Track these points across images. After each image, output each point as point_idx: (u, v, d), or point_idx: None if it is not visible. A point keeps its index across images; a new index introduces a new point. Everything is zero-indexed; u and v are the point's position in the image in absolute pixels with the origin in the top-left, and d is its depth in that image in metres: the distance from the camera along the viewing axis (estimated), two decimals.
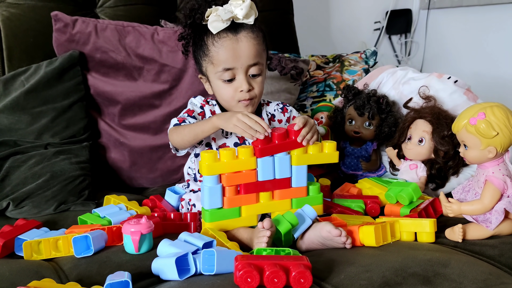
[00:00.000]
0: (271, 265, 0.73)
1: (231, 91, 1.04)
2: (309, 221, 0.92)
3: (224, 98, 1.06)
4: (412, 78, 1.34)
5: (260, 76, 1.05)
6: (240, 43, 1.01)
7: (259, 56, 1.03)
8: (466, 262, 0.81)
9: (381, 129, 1.28)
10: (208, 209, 0.93)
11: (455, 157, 1.18)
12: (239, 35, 1.01)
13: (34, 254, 0.90)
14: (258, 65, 1.04)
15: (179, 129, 1.04)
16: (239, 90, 1.03)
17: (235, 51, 1.01)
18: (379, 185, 1.16)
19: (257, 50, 1.03)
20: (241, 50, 1.01)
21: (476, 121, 0.89)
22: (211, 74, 1.05)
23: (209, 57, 1.03)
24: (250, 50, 1.02)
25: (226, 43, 1.01)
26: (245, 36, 1.01)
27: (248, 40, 1.01)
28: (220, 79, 1.04)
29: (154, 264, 0.82)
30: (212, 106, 1.11)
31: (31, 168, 1.17)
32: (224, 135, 1.08)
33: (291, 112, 1.18)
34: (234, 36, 1.01)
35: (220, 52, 1.01)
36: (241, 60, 1.01)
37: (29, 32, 1.38)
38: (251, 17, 1.01)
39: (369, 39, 2.31)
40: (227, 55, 1.01)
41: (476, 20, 2.10)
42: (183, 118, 1.07)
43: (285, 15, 1.84)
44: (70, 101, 1.30)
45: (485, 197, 0.90)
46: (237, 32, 1.01)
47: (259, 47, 1.03)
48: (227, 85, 1.04)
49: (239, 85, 1.03)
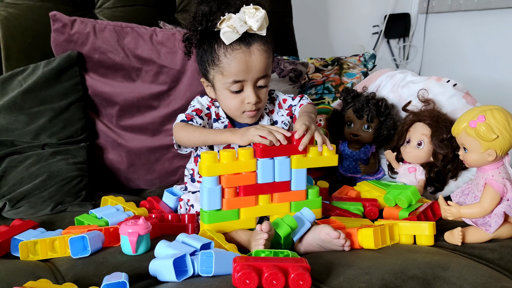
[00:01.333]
0: (270, 266, 0.73)
1: (238, 102, 1.02)
2: (308, 224, 0.92)
3: (230, 108, 1.05)
4: (411, 81, 1.34)
5: (266, 87, 1.04)
6: (252, 56, 0.98)
7: (268, 69, 1.02)
8: (466, 265, 0.80)
9: (379, 132, 1.28)
10: (206, 210, 0.92)
11: (454, 161, 1.18)
12: (252, 47, 0.98)
13: (30, 254, 0.90)
14: (266, 78, 1.03)
15: (189, 128, 1.01)
16: (246, 102, 1.02)
17: (247, 64, 0.99)
18: (378, 188, 1.16)
19: (267, 63, 1.01)
20: (253, 64, 0.99)
21: (476, 124, 0.89)
22: (219, 83, 1.03)
23: (219, 67, 1.01)
24: (262, 63, 1.00)
25: (239, 56, 0.98)
26: (257, 49, 0.99)
27: (260, 53, 0.99)
28: (227, 89, 1.02)
29: (152, 265, 0.81)
30: (217, 108, 1.10)
31: (28, 169, 1.16)
32: None
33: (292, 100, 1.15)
34: (247, 48, 0.98)
35: (232, 64, 0.99)
36: (252, 73, 1.00)
37: (27, 32, 1.37)
38: (264, 28, 0.98)
39: (368, 43, 2.32)
40: (239, 69, 0.99)
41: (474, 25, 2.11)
42: (191, 116, 1.04)
43: (284, 18, 1.84)
44: (67, 101, 1.29)
45: (484, 200, 0.90)
46: (250, 45, 0.98)
47: (269, 60, 1.02)
48: (234, 96, 1.02)
49: (247, 97, 1.02)
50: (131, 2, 1.52)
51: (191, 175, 1.13)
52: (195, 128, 1.01)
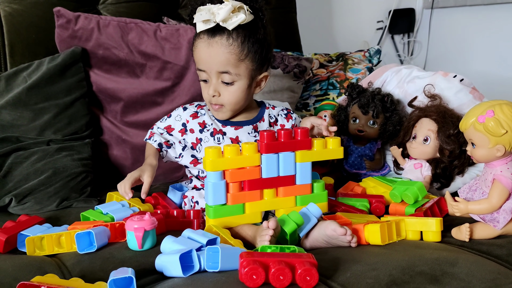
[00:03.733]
0: (277, 262, 0.72)
1: (205, 92, 1.05)
2: (314, 220, 0.91)
3: (203, 97, 1.08)
4: (417, 76, 1.33)
5: (232, 85, 1.02)
6: (210, 48, 0.99)
7: (229, 66, 1.00)
8: (474, 262, 0.80)
9: (385, 127, 1.27)
10: (211, 205, 0.92)
11: (461, 156, 1.17)
12: (213, 39, 0.99)
13: (37, 250, 0.90)
14: (228, 74, 1.00)
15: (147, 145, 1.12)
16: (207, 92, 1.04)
17: (206, 54, 1.00)
18: (384, 184, 1.15)
19: (227, 59, 0.99)
20: (210, 55, 0.99)
21: (485, 119, 0.88)
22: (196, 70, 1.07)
23: (193, 54, 1.05)
24: (219, 57, 0.99)
25: (200, 45, 1.01)
26: (217, 42, 0.98)
27: (219, 46, 0.98)
28: (199, 77, 1.05)
29: (158, 260, 0.81)
30: (202, 116, 1.10)
31: (33, 164, 1.16)
32: (217, 141, 1.07)
33: (295, 119, 1.17)
34: (208, 39, 0.99)
35: (195, 52, 1.03)
36: (210, 65, 1.00)
37: (32, 28, 1.37)
38: (232, 21, 0.96)
39: (372, 39, 2.31)
40: (199, 57, 1.02)
41: (480, 20, 2.10)
42: (152, 134, 1.11)
43: (288, 14, 1.83)
44: (72, 97, 1.29)
45: (492, 196, 0.89)
46: (213, 36, 0.99)
47: (230, 56, 0.99)
48: (203, 85, 1.05)
49: (209, 88, 1.03)
50: None
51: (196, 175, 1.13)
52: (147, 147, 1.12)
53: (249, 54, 1.01)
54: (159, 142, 1.09)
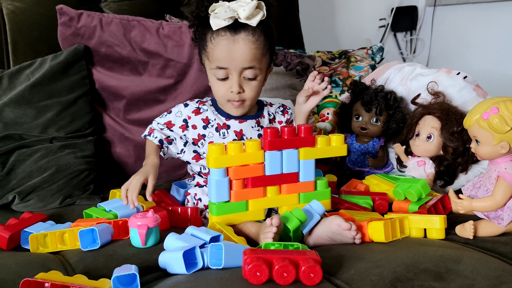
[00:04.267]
0: (281, 259, 0.72)
1: (223, 90, 1.03)
2: (317, 216, 0.91)
3: (217, 95, 1.06)
4: (420, 74, 1.33)
5: (254, 81, 1.03)
6: (236, 45, 0.98)
7: (256, 61, 1.01)
8: (479, 259, 0.79)
9: (388, 125, 1.27)
10: (215, 202, 0.92)
11: (464, 154, 1.17)
12: (237, 36, 0.98)
13: (40, 247, 0.90)
14: (253, 69, 1.01)
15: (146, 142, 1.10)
16: (229, 90, 1.02)
17: (231, 52, 0.99)
18: (387, 182, 1.15)
19: (253, 54, 1.00)
20: (236, 52, 0.99)
21: (489, 115, 0.87)
22: (208, 68, 1.05)
23: (207, 52, 1.03)
24: (246, 53, 0.99)
25: (223, 42, 0.99)
26: (243, 38, 0.98)
27: (245, 43, 0.98)
28: (214, 75, 1.03)
29: (161, 257, 0.81)
30: (205, 112, 1.10)
31: (36, 162, 1.16)
32: (222, 136, 1.07)
33: (291, 115, 1.17)
34: (232, 36, 0.98)
35: (215, 50, 1.00)
36: (235, 62, 1.00)
37: (34, 26, 1.37)
38: (255, 18, 0.97)
39: (374, 36, 2.30)
40: (221, 55, 0.99)
41: (482, 17, 2.09)
42: (152, 130, 1.10)
43: (291, 11, 1.83)
44: (75, 95, 1.29)
45: (497, 193, 0.89)
46: (236, 33, 0.98)
47: (257, 52, 1.00)
48: (220, 83, 1.03)
49: (230, 85, 1.02)
50: None
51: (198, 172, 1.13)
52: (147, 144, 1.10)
53: (269, 48, 1.04)
54: (160, 138, 1.09)
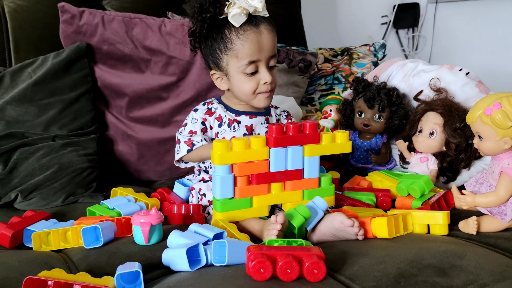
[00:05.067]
0: (284, 255, 0.72)
1: (254, 84, 1.04)
2: (321, 213, 0.91)
3: (245, 92, 1.05)
4: (422, 70, 1.32)
5: (275, 68, 1.07)
6: (262, 35, 1.02)
7: (276, 48, 1.06)
8: (482, 254, 0.79)
9: (391, 121, 1.27)
10: (219, 199, 0.92)
11: (467, 150, 1.16)
12: (260, 27, 1.02)
13: (43, 245, 0.90)
14: (275, 57, 1.06)
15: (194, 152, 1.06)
16: (262, 82, 1.04)
17: (260, 43, 1.02)
18: (390, 178, 1.15)
19: (275, 42, 1.05)
20: (264, 43, 1.02)
21: (492, 111, 0.87)
22: (233, 68, 1.04)
23: (233, 51, 1.02)
24: (271, 42, 1.03)
25: (251, 36, 1.01)
26: (265, 28, 1.03)
27: (268, 32, 1.03)
28: (243, 72, 1.03)
29: (165, 255, 0.81)
30: (216, 110, 1.09)
31: (39, 160, 1.16)
32: (232, 129, 1.07)
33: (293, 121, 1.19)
34: (256, 29, 1.02)
35: (246, 45, 1.01)
36: (264, 52, 1.03)
37: (36, 24, 1.37)
38: (265, 10, 1.02)
39: (376, 33, 2.30)
40: (253, 48, 1.01)
41: (484, 14, 2.08)
42: (191, 142, 1.06)
43: (292, 8, 1.82)
44: (77, 93, 1.29)
45: (500, 189, 0.88)
46: (258, 25, 1.02)
47: (275, 39, 1.06)
48: (249, 79, 1.04)
49: (262, 77, 1.04)
50: None
51: (205, 167, 1.13)
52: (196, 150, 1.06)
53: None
54: (202, 138, 1.06)
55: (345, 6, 2.23)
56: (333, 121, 1.39)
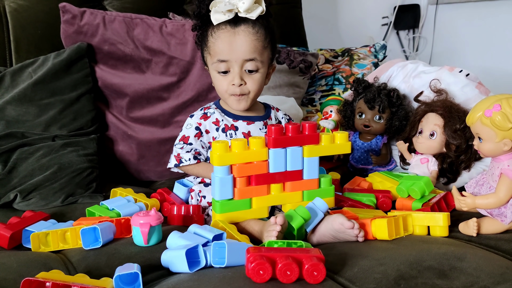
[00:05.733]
0: (284, 257, 0.72)
1: (225, 83, 1.04)
2: (321, 214, 0.91)
3: (219, 90, 1.07)
4: (422, 71, 1.32)
5: (256, 73, 1.04)
6: (236, 36, 1.01)
7: (256, 53, 1.02)
8: (482, 257, 0.79)
9: (391, 122, 1.27)
10: (218, 200, 0.91)
11: (467, 151, 1.16)
12: (238, 28, 1.01)
13: (42, 246, 0.89)
14: (254, 61, 1.02)
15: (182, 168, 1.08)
16: (231, 83, 1.03)
17: (231, 44, 1.01)
18: (390, 179, 1.15)
19: (254, 46, 1.02)
20: (237, 44, 1.01)
21: (492, 113, 0.87)
22: (209, 64, 1.07)
23: (208, 47, 1.05)
24: (247, 45, 1.01)
25: (223, 35, 1.01)
26: (243, 30, 1.01)
27: (246, 34, 1.01)
28: (215, 70, 1.04)
29: (164, 256, 0.81)
30: (212, 115, 1.09)
31: (38, 160, 1.16)
32: (229, 136, 1.07)
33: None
34: (232, 29, 1.01)
35: (216, 43, 1.02)
36: (236, 54, 1.01)
37: (37, 24, 1.37)
38: (254, 12, 1.00)
39: (377, 34, 2.29)
40: (222, 47, 1.01)
41: (485, 15, 2.08)
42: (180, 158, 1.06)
43: (293, 9, 1.82)
44: (77, 93, 1.29)
45: (500, 190, 0.88)
46: (236, 26, 1.01)
47: (257, 43, 1.02)
48: (222, 77, 1.04)
49: (231, 78, 1.03)
50: None
51: None
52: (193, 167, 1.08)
53: (270, 42, 1.05)
54: (190, 156, 1.06)
55: (346, 7, 2.22)
56: (334, 121, 1.39)
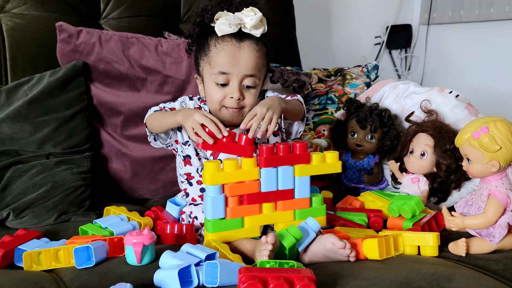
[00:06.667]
0: (275, 277, 0.73)
1: (221, 95, 1.05)
2: (313, 234, 0.92)
3: (212, 100, 1.06)
4: (413, 92, 1.35)
5: (254, 89, 1.06)
6: (241, 51, 1.02)
7: (257, 69, 1.04)
8: (471, 277, 0.80)
9: (383, 142, 1.29)
10: (210, 219, 0.92)
11: (457, 171, 1.18)
12: (243, 43, 1.03)
13: (34, 265, 0.89)
14: (254, 78, 1.04)
15: (156, 113, 1.07)
16: (229, 96, 1.04)
17: (235, 57, 1.02)
18: (382, 198, 1.16)
19: (256, 63, 1.04)
20: (241, 58, 1.02)
21: (479, 135, 0.89)
22: (207, 74, 1.07)
23: (208, 57, 1.05)
24: (250, 60, 1.03)
25: (228, 47, 1.02)
26: (248, 45, 1.03)
27: (250, 50, 1.03)
28: (214, 81, 1.05)
29: (156, 275, 0.81)
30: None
31: (32, 178, 1.16)
32: None
33: None
34: (237, 42, 1.02)
35: (220, 54, 1.03)
36: (239, 68, 1.03)
37: (33, 42, 1.39)
38: (259, 30, 1.03)
39: (370, 54, 2.33)
40: (225, 59, 1.02)
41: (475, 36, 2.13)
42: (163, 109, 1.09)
43: (287, 29, 1.85)
44: (72, 111, 1.30)
45: (488, 211, 0.90)
46: (242, 41, 1.03)
47: (259, 61, 1.04)
48: (219, 89, 1.05)
49: (230, 91, 1.04)
50: (137, 12, 1.53)
51: (186, 179, 1.13)
52: (157, 112, 1.07)
53: (268, 61, 1.08)
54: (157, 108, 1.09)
55: (339, 27, 2.27)
56: (326, 140, 1.40)
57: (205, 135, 0.93)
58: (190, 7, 1.61)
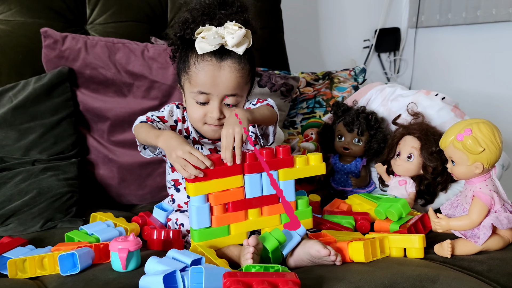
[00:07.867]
0: (260, 282, 0.73)
1: (201, 113, 1.01)
2: (297, 237, 0.92)
3: (193, 117, 1.04)
4: (400, 95, 1.36)
5: (235, 106, 1.02)
6: (221, 71, 0.97)
7: (238, 89, 1.00)
8: (455, 278, 0.80)
9: (370, 145, 1.29)
10: (196, 228, 0.92)
11: (444, 173, 1.19)
12: (223, 63, 0.97)
13: (19, 272, 0.88)
14: (235, 97, 1.00)
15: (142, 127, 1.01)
16: (209, 115, 1.01)
17: (215, 78, 0.97)
18: (369, 201, 1.16)
19: (238, 83, 0.99)
20: (221, 79, 0.98)
21: (463, 137, 0.90)
22: (187, 91, 1.03)
23: (188, 75, 1.01)
24: (231, 81, 0.98)
25: (207, 68, 0.97)
26: (229, 65, 0.98)
27: (231, 70, 0.98)
28: (194, 99, 1.01)
29: (142, 281, 0.81)
30: (187, 122, 1.09)
31: (17, 185, 1.15)
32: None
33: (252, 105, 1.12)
34: (217, 62, 0.97)
35: (199, 74, 0.98)
36: (219, 89, 0.98)
37: (18, 49, 1.38)
38: (242, 46, 0.97)
39: (359, 57, 2.35)
40: (205, 80, 0.98)
41: (462, 39, 2.15)
42: (152, 120, 1.04)
43: (276, 33, 1.86)
44: (58, 117, 1.29)
45: (473, 212, 0.91)
46: (222, 60, 0.97)
47: (241, 80, 1.00)
48: (199, 107, 1.01)
49: (210, 110, 1.00)
50: (123, 18, 1.53)
51: (173, 185, 1.13)
52: (145, 126, 1.00)
53: (252, 77, 1.03)
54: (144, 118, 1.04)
55: (328, 31, 2.28)
56: (314, 144, 1.41)
57: (193, 171, 0.88)
58: (177, 12, 1.60)
